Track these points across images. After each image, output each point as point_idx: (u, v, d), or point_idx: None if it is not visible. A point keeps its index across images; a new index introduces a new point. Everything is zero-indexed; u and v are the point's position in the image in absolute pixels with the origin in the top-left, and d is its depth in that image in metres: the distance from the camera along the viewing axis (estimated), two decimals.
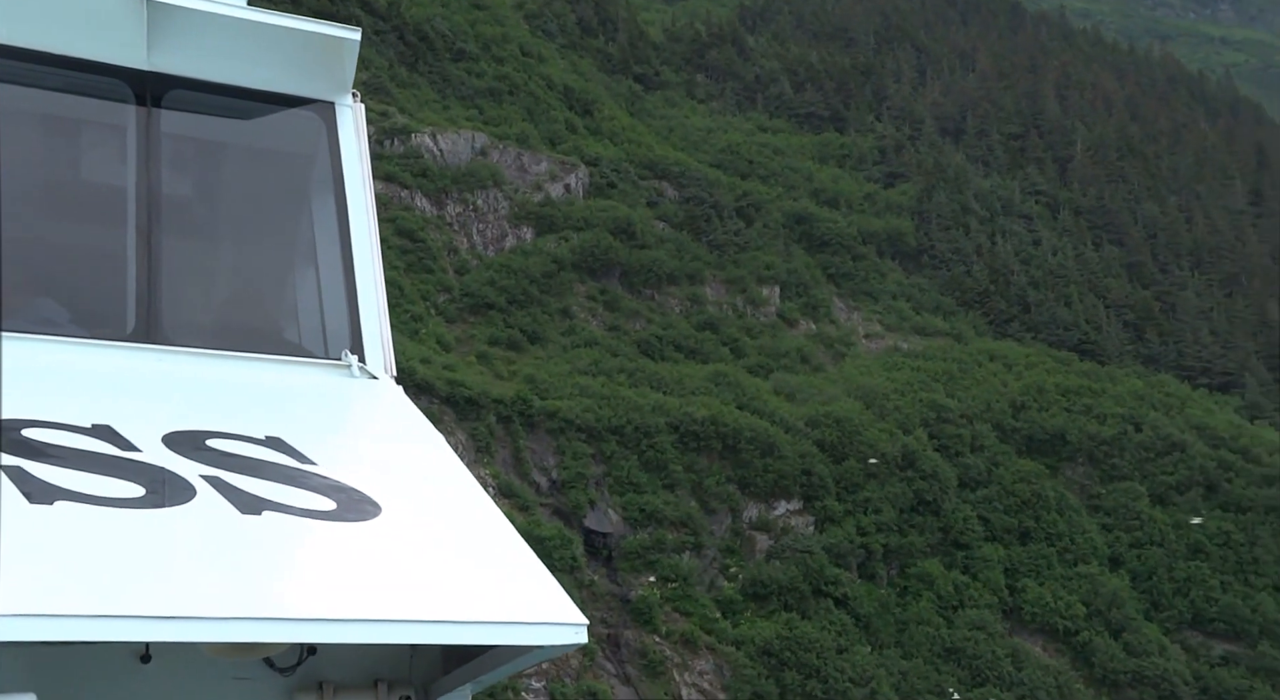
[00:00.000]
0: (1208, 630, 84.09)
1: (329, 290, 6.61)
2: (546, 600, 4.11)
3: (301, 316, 6.93)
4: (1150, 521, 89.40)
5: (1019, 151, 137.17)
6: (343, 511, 4.41)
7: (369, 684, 5.08)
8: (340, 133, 6.69)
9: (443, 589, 4.17)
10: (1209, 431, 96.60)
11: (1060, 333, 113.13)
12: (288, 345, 6.79)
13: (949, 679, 73.13)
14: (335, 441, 5.56)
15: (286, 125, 6.85)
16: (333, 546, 4.24)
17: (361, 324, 6.33)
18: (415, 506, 4.82)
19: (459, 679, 4.95)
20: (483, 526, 4.69)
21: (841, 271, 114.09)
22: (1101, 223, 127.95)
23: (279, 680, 5.04)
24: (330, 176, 6.67)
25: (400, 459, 5.37)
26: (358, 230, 6.53)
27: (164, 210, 6.30)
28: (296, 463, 4.81)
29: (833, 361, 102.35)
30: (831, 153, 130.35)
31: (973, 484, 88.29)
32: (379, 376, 6.18)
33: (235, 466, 4.62)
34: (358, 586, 4.03)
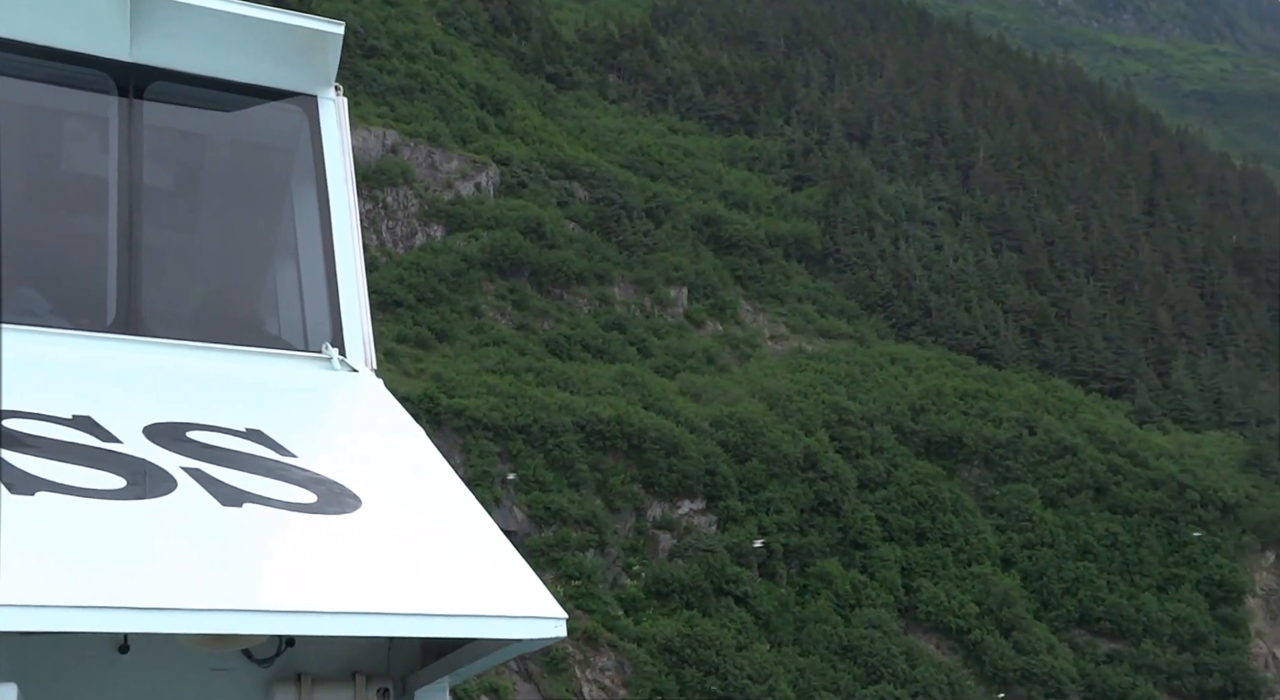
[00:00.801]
0: (1094, 629, 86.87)
1: (310, 283, 6.64)
2: (525, 594, 4.12)
3: (282, 309, 6.96)
4: (1041, 523, 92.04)
5: (924, 158, 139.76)
6: (323, 504, 4.42)
7: (347, 676, 5.10)
8: (323, 126, 6.73)
9: (421, 582, 4.18)
10: (1099, 435, 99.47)
11: (960, 337, 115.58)
12: (268, 337, 6.83)
13: (845, 676, 74.91)
14: (316, 434, 5.62)
15: (269, 118, 6.89)
16: (312, 539, 4.24)
17: (342, 317, 6.37)
18: (395, 499, 4.82)
19: (437, 671, 4.94)
20: (462, 520, 4.69)
21: (749, 273, 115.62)
22: (1001, 229, 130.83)
23: (257, 672, 5.06)
24: (312, 169, 6.70)
25: (380, 452, 5.38)
26: (339, 223, 6.57)
27: (145, 202, 6.34)
28: (277, 455, 4.83)
29: (738, 363, 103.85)
30: (741, 155, 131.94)
31: (872, 485, 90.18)
32: (359, 369, 6.23)
33: (216, 458, 4.64)
34: (336, 579, 4.05)
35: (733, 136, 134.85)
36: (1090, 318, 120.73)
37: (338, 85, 6.85)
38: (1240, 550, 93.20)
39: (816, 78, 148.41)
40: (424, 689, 5.06)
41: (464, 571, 4.35)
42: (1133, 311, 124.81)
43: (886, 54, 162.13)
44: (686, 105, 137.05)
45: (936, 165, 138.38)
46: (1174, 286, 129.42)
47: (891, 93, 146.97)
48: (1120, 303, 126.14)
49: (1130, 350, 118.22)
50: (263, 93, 6.68)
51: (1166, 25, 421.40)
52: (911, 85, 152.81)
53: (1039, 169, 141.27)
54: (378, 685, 5.09)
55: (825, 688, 73.38)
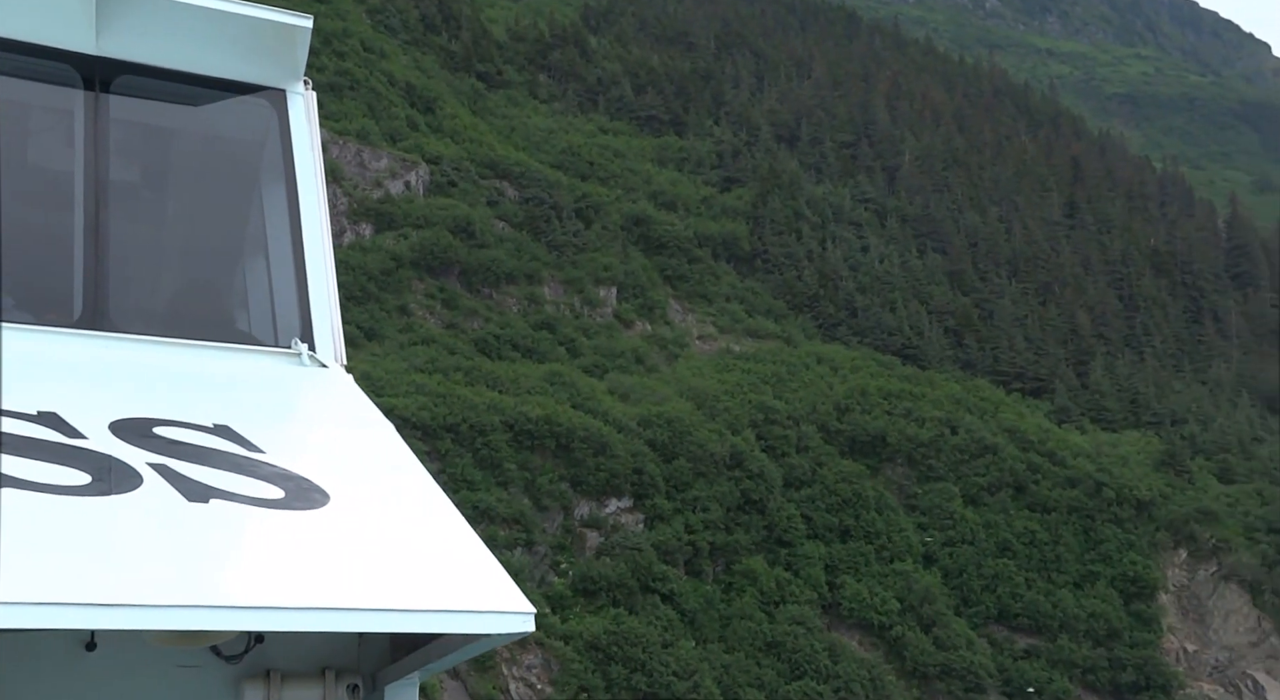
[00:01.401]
0: (1012, 625, 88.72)
1: (279, 279, 6.57)
2: (494, 588, 4.10)
3: (251, 304, 6.90)
4: (962, 521, 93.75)
5: (850, 159, 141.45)
6: (291, 500, 4.39)
7: (316, 672, 5.08)
8: (291, 120, 6.67)
9: (390, 577, 4.15)
10: (1019, 435, 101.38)
11: (885, 337, 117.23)
12: (237, 333, 6.77)
13: (769, 672, 76.06)
14: (284, 430, 5.57)
15: (237, 112, 6.81)
16: (280, 534, 4.21)
17: (312, 312, 6.33)
18: (364, 495, 4.80)
19: (407, 667, 4.93)
20: (431, 515, 4.66)
21: (677, 274, 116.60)
22: (926, 231, 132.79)
23: (226, 668, 5.04)
24: (281, 164, 6.64)
25: (349, 447, 5.36)
26: (309, 218, 6.52)
27: (112, 196, 6.26)
28: (245, 451, 4.79)
29: (667, 362, 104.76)
30: (670, 156, 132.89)
31: (797, 483, 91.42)
32: (329, 365, 6.19)
33: (182, 454, 4.59)
34: (305, 574, 4.03)
35: (662, 137, 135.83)
36: (1012, 319, 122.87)
37: (306, 79, 6.81)
38: (1153, 547, 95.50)
39: (746, 79, 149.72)
40: (394, 684, 5.03)
41: (433, 566, 4.30)
42: (1053, 313, 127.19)
43: (815, 56, 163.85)
44: (617, 105, 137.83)
45: (863, 167, 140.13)
46: (1093, 288, 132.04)
47: (819, 95, 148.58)
48: (1041, 304, 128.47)
49: (1050, 351, 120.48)
50: (231, 87, 6.63)
51: (1090, 28, 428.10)
52: (839, 87, 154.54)
53: (963, 171, 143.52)
54: (347, 681, 5.07)
55: (749, 684, 74.49)
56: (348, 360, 6.39)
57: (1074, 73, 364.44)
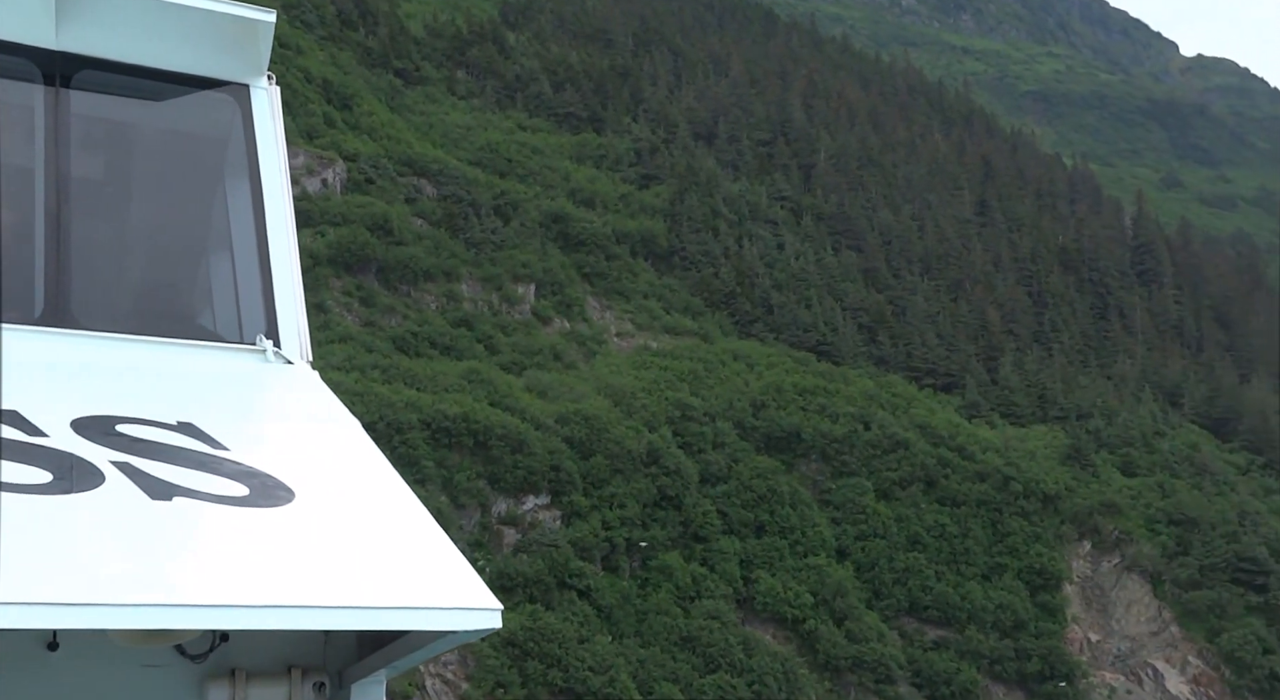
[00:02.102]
0: (922, 617, 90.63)
1: (244, 275, 6.52)
2: (461, 585, 4.07)
3: (216, 301, 6.83)
4: (875, 515, 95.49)
5: (767, 158, 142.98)
6: (255, 497, 4.36)
7: (282, 670, 5.03)
8: (255, 115, 6.62)
9: (356, 574, 4.13)
10: (930, 430, 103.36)
11: (800, 334, 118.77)
12: (201, 330, 6.71)
13: (684, 666, 77.17)
14: (248, 427, 5.54)
15: (200, 107, 6.76)
16: (245, 532, 4.16)
17: (277, 309, 6.28)
18: (329, 492, 4.76)
19: (373, 665, 4.88)
20: (397, 512, 4.63)
21: (596, 271, 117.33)
22: (841, 229, 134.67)
23: (190, 667, 4.97)
24: (245, 160, 6.58)
25: (314, 444, 5.31)
26: (273, 214, 6.47)
27: (73, 192, 6.20)
28: (208, 448, 4.75)
29: (585, 359, 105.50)
30: (589, 153, 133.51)
31: (713, 479, 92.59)
32: (294, 362, 6.16)
33: (145, 452, 4.54)
34: (270, 572, 3.99)
35: (581, 134, 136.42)
36: (924, 315, 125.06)
37: (270, 74, 6.77)
38: (1059, 540, 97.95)
39: (664, 77, 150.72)
40: (360, 682, 5.01)
41: (399, 563, 4.28)
42: (964, 309, 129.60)
43: (732, 54, 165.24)
44: (535, 102, 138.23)
45: (779, 165, 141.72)
46: (1003, 285, 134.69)
47: (736, 93, 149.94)
48: (952, 301, 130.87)
49: (961, 347, 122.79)
50: (193, 82, 6.59)
51: (1004, 26, 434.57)
52: (756, 85, 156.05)
53: (877, 170, 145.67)
54: (313, 679, 5.03)
55: (665, 678, 75.56)
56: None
57: (988, 70, 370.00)
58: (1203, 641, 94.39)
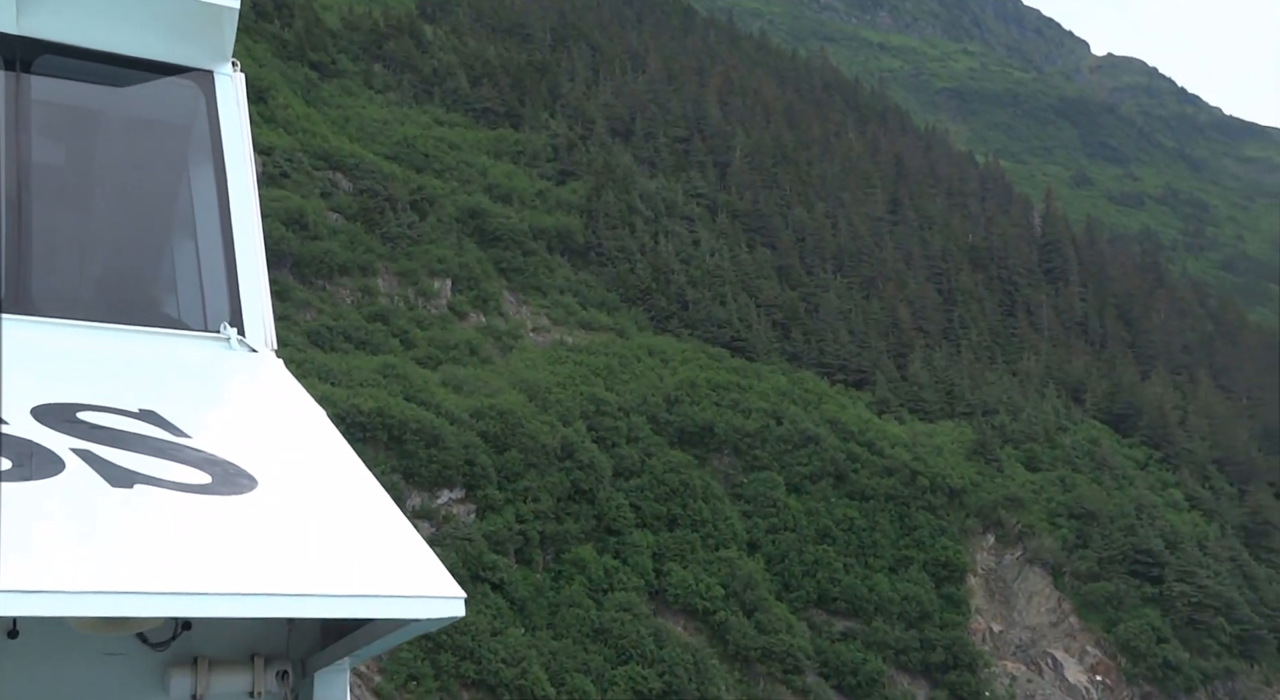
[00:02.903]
0: (830, 609, 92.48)
1: (208, 262, 6.48)
2: (424, 574, 4.07)
3: (180, 288, 6.80)
4: (785, 509, 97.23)
5: (684, 154, 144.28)
6: (217, 485, 4.33)
7: (245, 659, 5.02)
8: (219, 102, 6.59)
9: (320, 562, 4.10)
10: (841, 425, 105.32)
11: (715, 330, 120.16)
12: (165, 317, 6.68)
13: (596, 658, 78.34)
14: (211, 415, 5.50)
15: (163, 94, 6.72)
16: (207, 520, 4.13)
17: (241, 296, 6.25)
18: (292, 480, 4.72)
19: (337, 653, 4.88)
20: (360, 500, 4.61)
21: (512, 266, 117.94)
22: (756, 226, 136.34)
23: (152, 655, 4.94)
24: (209, 147, 6.55)
25: (278, 432, 5.30)
26: (238, 202, 6.44)
27: (34, 178, 6.16)
28: (170, 436, 4.71)
29: (501, 354, 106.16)
30: (506, 149, 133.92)
31: (627, 473, 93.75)
32: (259, 349, 6.13)
33: (106, 439, 4.49)
34: (233, 560, 3.96)
35: (498, 130, 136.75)
36: (836, 312, 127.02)
37: (234, 61, 6.76)
38: (964, 533, 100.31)
39: (582, 72, 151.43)
40: (324, 670, 5.00)
41: (362, 551, 4.26)
42: (876, 307, 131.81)
43: (650, 50, 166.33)
44: (452, 97, 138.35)
45: (695, 162, 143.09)
46: (914, 283, 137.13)
47: (654, 90, 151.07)
48: (864, 298, 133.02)
49: (872, 344, 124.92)
50: (157, 68, 6.54)
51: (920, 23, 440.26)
52: (673, 81, 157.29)
53: (792, 167, 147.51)
54: (277, 668, 5.02)
55: (577, 669, 76.67)
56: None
57: (904, 67, 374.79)
58: (1100, 631, 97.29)
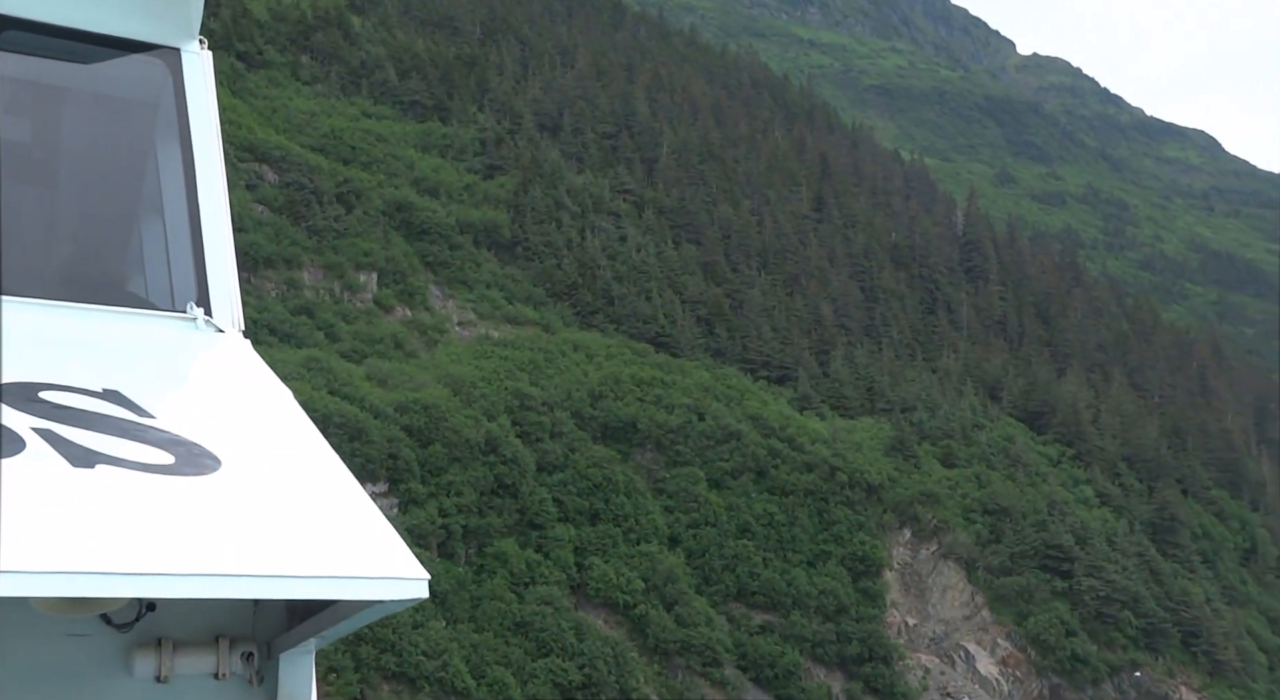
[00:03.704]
0: (749, 602, 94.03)
1: (175, 242, 6.41)
2: (389, 555, 4.05)
3: (147, 268, 6.71)
4: (706, 504, 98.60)
5: (611, 150, 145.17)
6: (181, 465, 4.30)
7: (210, 640, 5.00)
8: (186, 80, 6.52)
9: (284, 543, 4.06)
10: (762, 421, 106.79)
11: (640, 325, 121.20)
12: (130, 297, 6.60)
13: (516, 651, 79.27)
14: (176, 395, 5.44)
15: (130, 71, 6.63)
16: (170, 500, 4.10)
17: (209, 276, 6.20)
18: (257, 461, 4.68)
19: (302, 634, 4.86)
20: (325, 481, 4.58)
21: (439, 260, 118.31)
22: (682, 223, 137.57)
23: (116, 637, 4.91)
24: (176, 125, 6.48)
25: (243, 413, 5.26)
26: (205, 181, 6.38)
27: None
28: (134, 416, 4.65)
29: (426, 348, 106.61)
30: (434, 142, 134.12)
31: (550, 468, 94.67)
32: (226, 330, 6.08)
33: (69, 419, 4.45)
34: (197, 540, 3.92)
35: (426, 123, 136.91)
36: (760, 309, 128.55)
37: (202, 38, 6.67)
38: (881, 528, 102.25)
39: (510, 67, 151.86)
40: (289, 652, 4.99)
41: (327, 533, 4.23)
42: (799, 303, 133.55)
43: (579, 45, 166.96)
44: (380, 90, 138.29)
45: (623, 158, 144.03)
46: (837, 280, 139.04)
47: (582, 85, 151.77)
48: (788, 295, 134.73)
49: (795, 340, 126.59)
50: (123, 44, 6.46)
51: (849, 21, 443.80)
52: (602, 78, 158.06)
53: (718, 165, 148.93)
54: (242, 649, 5.01)
55: (497, 662, 77.55)
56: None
57: (834, 64, 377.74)
58: (1011, 625, 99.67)
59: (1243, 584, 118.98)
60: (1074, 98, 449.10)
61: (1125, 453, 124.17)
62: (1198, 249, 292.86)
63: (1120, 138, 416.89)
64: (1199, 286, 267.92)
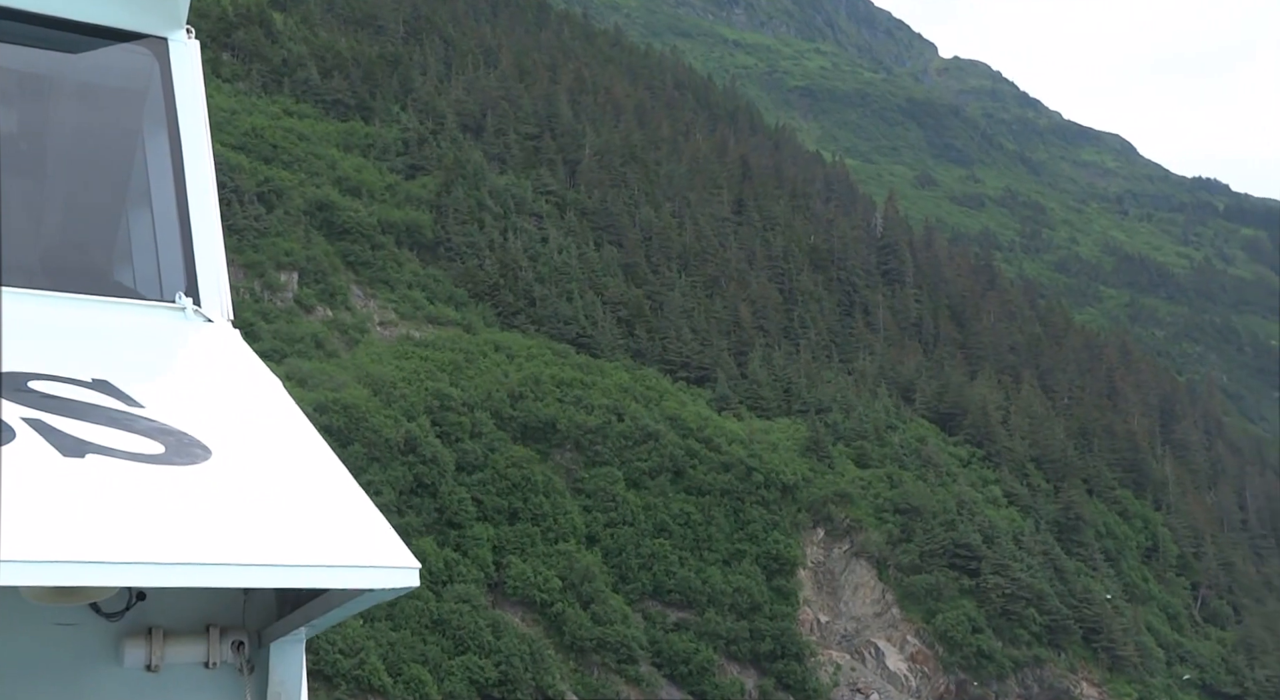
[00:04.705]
0: (665, 600, 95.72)
1: (163, 232, 6.40)
2: (379, 544, 4.07)
3: (135, 258, 6.72)
4: (624, 503, 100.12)
5: (534, 152, 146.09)
6: (171, 455, 4.31)
7: (200, 629, 4.99)
8: (175, 70, 6.50)
9: (274, 532, 4.08)
10: (680, 422, 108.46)
11: (561, 326, 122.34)
12: (119, 286, 6.60)
13: (434, 649, 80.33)
14: (165, 384, 5.40)
15: (117, 61, 6.59)
16: (160, 490, 4.10)
17: (197, 266, 6.21)
18: (247, 450, 4.68)
19: (293, 623, 4.87)
20: (315, 470, 4.60)
21: (360, 260, 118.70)
22: (603, 224, 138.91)
23: (106, 626, 4.90)
24: (164, 115, 6.47)
25: (232, 403, 5.26)
26: (193, 171, 6.38)
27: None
28: (124, 405, 4.66)
29: (347, 348, 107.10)
30: (356, 142, 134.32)
31: (469, 468, 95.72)
32: (214, 320, 6.10)
33: (58, 409, 4.46)
34: (187, 530, 3.93)
35: (348, 122, 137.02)
36: (680, 311, 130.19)
37: (189, 28, 6.64)
38: (795, 527, 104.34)
39: (434, 66, 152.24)
40: (279, 641, 4.99)
41: (318, 521, 4.25)
42: (718, 305, 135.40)
43: (503, 45, 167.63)
44: (302, 88, 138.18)
45: (545, 160, 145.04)
46: (756, 283, 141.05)
47: (505, 86, 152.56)
48: (708, 297, 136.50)
49: (714, 342, 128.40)
50: (111, 34, 6.42)
51: (775, 21, 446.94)
52: (526, 78, 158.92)
53: (640, 167, 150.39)
54: (232, 638, 4.99)
55: (414, 660, 78.55)
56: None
57: (759, 65, 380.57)
58: (920, 622, 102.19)
59: (1144, 581, 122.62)
60: (994, 101, 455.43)
61: (1033, 454, 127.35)
62: (1112, 252, 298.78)
63: (1039, 141, 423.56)
64: (1112, 289, 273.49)
